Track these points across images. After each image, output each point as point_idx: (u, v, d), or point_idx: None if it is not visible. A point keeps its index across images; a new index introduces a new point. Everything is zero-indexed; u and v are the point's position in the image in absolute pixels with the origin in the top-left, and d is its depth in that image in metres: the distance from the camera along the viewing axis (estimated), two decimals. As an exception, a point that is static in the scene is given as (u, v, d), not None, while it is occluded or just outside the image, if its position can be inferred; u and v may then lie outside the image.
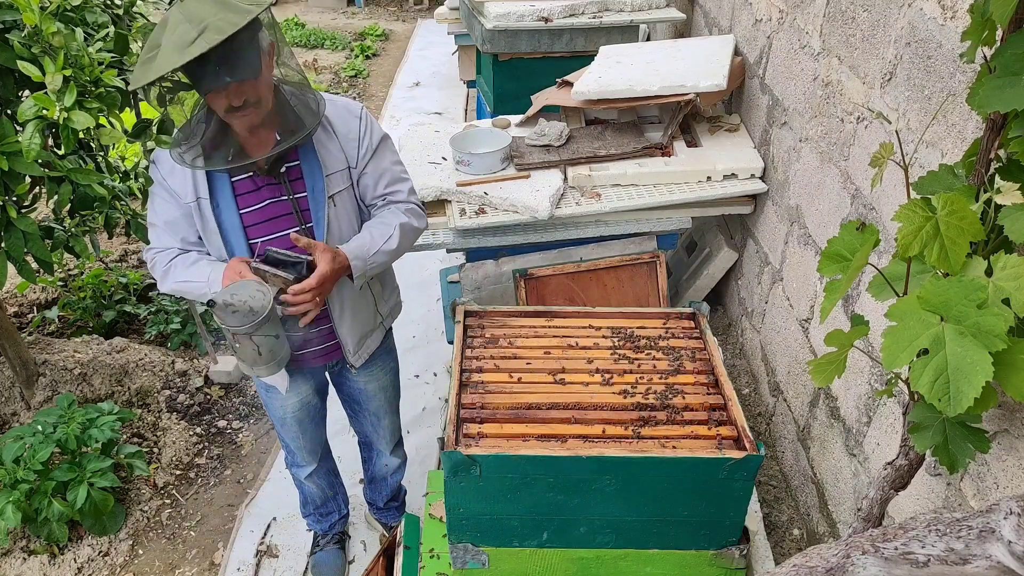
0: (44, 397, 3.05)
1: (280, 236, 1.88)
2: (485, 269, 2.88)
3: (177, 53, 1.50)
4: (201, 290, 1.84)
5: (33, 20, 1.79)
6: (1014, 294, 1.10)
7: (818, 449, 2.39)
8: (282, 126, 1.77)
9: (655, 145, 2.95)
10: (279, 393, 2.15)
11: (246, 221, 1.86)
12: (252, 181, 1.85)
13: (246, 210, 1.85)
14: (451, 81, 6.83)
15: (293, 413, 2.24)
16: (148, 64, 1.57)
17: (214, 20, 1.51)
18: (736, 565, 1.81)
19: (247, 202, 1.85)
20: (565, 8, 3.78)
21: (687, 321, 2.15)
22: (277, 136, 1.78)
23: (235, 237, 1.87)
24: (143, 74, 1.58)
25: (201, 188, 1.81)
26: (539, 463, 1.65)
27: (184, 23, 1.52)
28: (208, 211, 1.83)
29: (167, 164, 1.81)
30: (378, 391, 2.33)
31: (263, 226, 1.87)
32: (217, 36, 1.49)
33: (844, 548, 1.02)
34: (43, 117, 1.79)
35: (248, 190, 1.85)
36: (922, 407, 1.30)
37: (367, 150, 1.92)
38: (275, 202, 1.86)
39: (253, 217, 1.86)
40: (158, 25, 1.60)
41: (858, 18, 2.10)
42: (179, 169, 1.78)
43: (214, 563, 2.68)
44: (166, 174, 1.82)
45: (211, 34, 1.49)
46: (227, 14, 1.53)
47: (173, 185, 1.82)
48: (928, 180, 1.35)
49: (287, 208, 1.87)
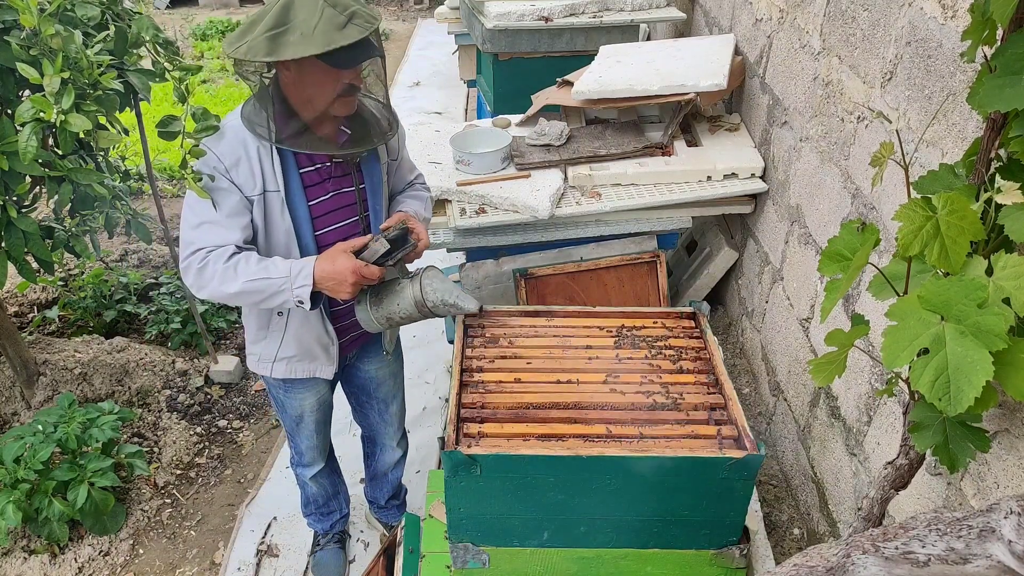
0: (44, 397, 3.05)
1: (341, 227, 1.93)
2: (485, 269, 2.88)
3: (336, 33, 1.61)
4: (278, 287, 1.77)
5: (31, 22, 1.79)
6: (1014, 293, 1.10)
7: (818, 449, 2.39)
8: (355, 118, 1.88)
9: (655, 145, 2.95)
10: (298, 394, 2.18)
11: (314, 212, 1.88)
12: (318, 173, 1.88)
13: (314, 202, 1.88)
14: (451, 81, 6.83)
15: (311, 413, 2.25)
16: (282, 40, 1.61)
17: (356, 7, 1.66)
18: (736, 565, 1.81)
19: (314, 194, 1.88)
20: (565, 8, 3.78)
21: (687, 321, 2.15)
22: (345, 130, 1.88)
23: (304, 228, 1.87)
24: (277, 48, 1.61)
25: (270, 180, 1.80)
26: (539, 463, 1.65)
27: (328, 7, 1.62)
28: (277, 203, 1.82)
29: (231, 156, 1.77)
30: (388, 376, 2.36)
31: (327, 217, 1.91)
32: (369, 25, 1.66)
33: (844, 548, 1.02)
34: (41, 119, 1.79)
35: (315, 182, 1.88)
36: (922, 406, 1.30)
37: (400, 145, 2.09)
38: (338, 193, 1.91)
39: (320, 208, 1.89)
40: (279, 6, 1.63)
41: (858, 17, 2.10)
42: (244, 160, 1.77)
43: (215, 563, 2.68)
44: (230, 166, 1.77)
45: (361, 20, 1.65)
46: (360, 4, 1.68)
47: (238, 178, 1.78)
48: (928, 179, 1.35)
49: (350, 199, 1.93)
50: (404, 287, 1.92)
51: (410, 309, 1.91)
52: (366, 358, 2.28)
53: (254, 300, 1.80)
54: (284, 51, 1.61)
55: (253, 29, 1.66)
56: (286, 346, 2.03)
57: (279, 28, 1.62)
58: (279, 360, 2.06)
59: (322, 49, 1.60)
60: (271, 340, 2.04)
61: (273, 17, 1.63)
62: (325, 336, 2.04)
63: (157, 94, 5.77)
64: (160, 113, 6.30)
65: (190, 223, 1.81)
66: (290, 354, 2.05)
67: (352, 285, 1.78)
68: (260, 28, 1.64)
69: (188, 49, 8.06)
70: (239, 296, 1.79)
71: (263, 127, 1.75)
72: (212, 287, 1.78)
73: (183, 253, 1.81)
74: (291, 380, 2.14)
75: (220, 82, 7.13)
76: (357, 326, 2.13)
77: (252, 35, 1.65)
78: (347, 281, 1.77)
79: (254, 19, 1.68)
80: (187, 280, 1.82)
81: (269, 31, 1.62)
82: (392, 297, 1.92)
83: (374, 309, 1.92)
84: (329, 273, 1.76)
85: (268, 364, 2.07)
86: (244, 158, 1.78)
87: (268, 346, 2.05)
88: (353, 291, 1.80)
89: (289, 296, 1.77)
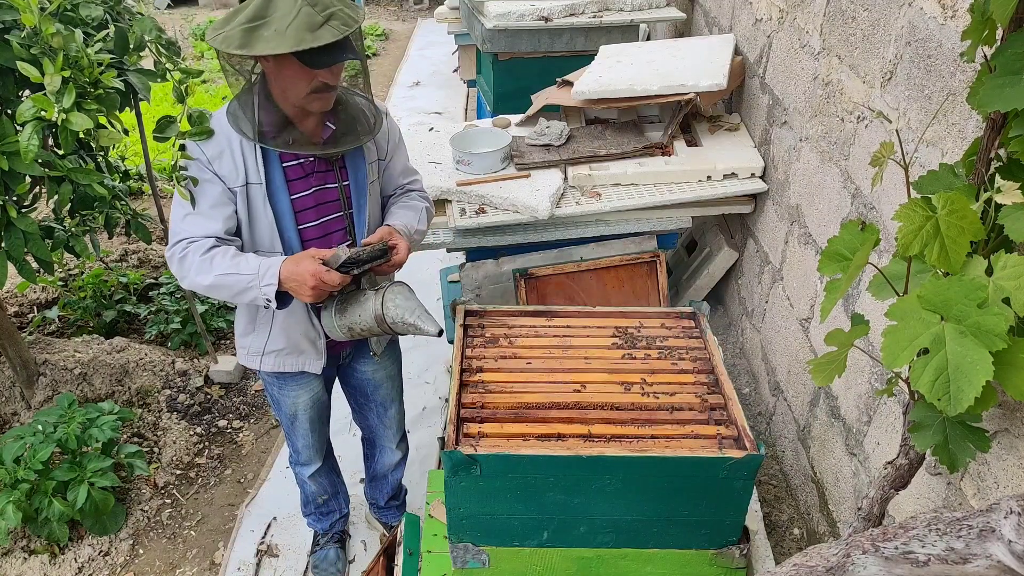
0: (44, 397, 3.05)
1: (324, 222, 1.93)
2: (485, 269, 2.88)
3: (308, 33, 1.61)
4: (246, 284, 1.77)
5: (32, 21, 1.79)
6: (1014, 293, 1.10)
7: (818, 448, 2.39)
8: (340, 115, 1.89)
9: (655, 144, 2.95)
10: (291, 391, 2.18)
11: (296, 206, 1.89)
12: (301, 167, 1.88)
13: (297, 196, 1.88)
14: (451, 81, 6.84)
15: (305, 410, 2.25)
16: (257, 35, 1.62)
17: (337, 9, 1.66)
18: (736, 564, 1.81)
19: (297, 188, 1.88)
20: (565, 7, 3.78)
21: (687, 320, 2.15)
22: (330, 125, 1.88)
23: (287, 222, 1.88)
24: (251, 42, 1.62)
25: (253, 173, 1.81)
26: (539, 463, 1.65)
27: (307, 6, 1.62)
28: (259, 196, 1.82)
29: (214, 147, 1.79)
30: (385, 379, 2.36)
31: (311, 211, 1.91)
32: (345, 28, 1.65)
33: (844, 547, 1.02)
34: (42, 118, 1.79)
35: (298, 176, 1.88)
36: (922, 406, 1.30)
37: (393, 145, 2.08)
38: (321, 189, 1.91)
39: (303, 203, 1.89)
40: None
41: (858, 17, 2.10)
42: (227, 153, 1.78)
43: (214, 563, 2.68)
44: (213, 157, 1.79)
45: (338, 23, 1.64)
46: (345, 6, 1.69)
47: (221, 169, 1.79)
48: (928, 179, 1.35)
49: (333, 195, 1.93)
50: (368, 299, 1.88)
51: (370, 322, 1.88)
52: (362, 359, 2.29)
53: (226, 295, 1.82)
54: (255, 46, 1.63)
55: (233, 19, 1.67)
56: (274, 339, 2.04)
57: (256, 21, 1.63)
58: (267, 353, 2.07)
59: (291, 48, 1.60)
60: (259, 333, 2.05)
61: (253, 9, 1.64)
62: (312, 330, 2.04)
63: (157, 94, 5.77)
64: (160, 113, 6.32)
65: (178, 215, 1.84)
66: (278, 347, 2.05)
67: (312, 288, 1.76)
68: (239, 18, 1.65)
69: (188, 49, 8.06)
70: (212, 289, 1.81)
71: (246, 122, 1.77)
72: (190, 278, 1.81)
73: (169, 243, 1.85)
74: (283, 376, 2.14)
75: (220, 82, 7.13)
76: None
77: (230, 25, 1.66)
78: (307, 284, 1.75)
79: (237, 9, 1.69)
80: (172, 269, 1.86)
81: (247, 23, 1.63)
82: (355, 307, 1.89)
83: (337, 317, 1.90)
84: (293, 274, 1.76)
85: (257, 357, 2.08)
86: (227, 150, 1.79)
87: (256, 339, 2.06)
88: (314, 295, 1.77)
89: (257, 294, 1.78)
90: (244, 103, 1.80)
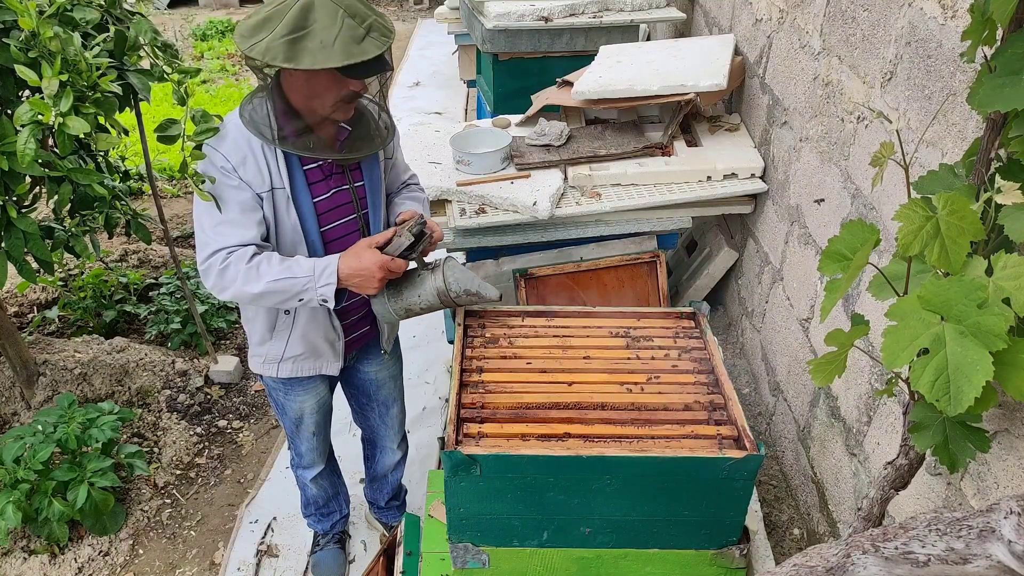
0: (44, 397, 3.05)
1: (343, 223, 1.95)
2: (485, 269, 2.88)
3: (355, 46, 1.61)
4: (302, 287, 1.76)
5: (30, 25, 1.78)
6: (1014, 294, 1.10)
7: (818, 449, 2.39)
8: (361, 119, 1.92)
9: (655, 145, 2.95)
10: (297, 395, 2.18)
11: (319, 209, 1.90)
12: (321, 170, 1.89)
13: (318, 198, 1.89)
14: (451, 81, 6.83)
15: (311, 414, 2.25)
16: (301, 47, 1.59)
17: (373, 19, 1.66)
18: (736, 565, 1.81)
19: (318, 191, 1.89)
20: (565, 8, 3.78)
21: (687, 321, 2.15)
22: (346, 126, 1.90)
23: (310, 224, 1.89)
24: (296, 56, 1.59)
25: (276, 178, 1.81)
26: (539, 463, 1.65)
27: (347, 18, 1.62)
28: (284, 200, 1.82)
29: (237, 154, 1.77)
30: (388, 379, 2.36)
31: (332, 213, 1.93)
32: (385, 40, 1.67)
33: (844, 548, 1.02)
34: (39, 122, 1.78)
35: (318, 179, 1.89)
36: (922, 406, 1.30)
37: (395, 144, 2.10)
38: (340, 191, 1.93)
39: (324, 205, 1.91)
40: (298, 7, 1.60)
41: (858, 17, 2.10)
42: (251, 158, 1.78)
43: (214, 563, 2.68)
44: (237, 164, 1.77)
45: (378, 35, 1.66)
46: (377, 15, 1.69)
47: (246, 175, 1.78)
48: (928, 179, 1.35)
49: (348, 196, 1.95)
50: (424, 278, 1.93)
51: (431, 299, 1.93)
52: (366, 359, 2.29)
53: (276, 300, 1.80)
54: (303, 59, 1.60)
55: (269, 27, 1.61)
56: (292, 345, 2.03)
57: (298, 32, 1.59)
58: (285, 360, 2.06)
59: (341, 63, 1.60)
60: (277, 340, 2.04)
61: (292, 19, 1.60)
62: (332, 332, 2.05)
63: (157, 94, 5.76)
64: (160, 113, 6.28)
65: (207, 224, 1.80)
66: (296, 353, 2.05)
67: (380, 280, 1.80)
68: (279, 29, 1.60)
69: (188, 49, 8.06)
70: (262, 297, 1.78)
71: (265, 126, 1.75)
72: (235, 288, 1.77)
73: (201, 255, 1.80)
74: (292, 381, 2.14)
75: (220, 82, 7.14)
76: (361, 323, 2.13)
77: (269, 34, 1.61)
78: (375, 276, 1.78)
79: (269, 15, 1.63)
80: (208, 282, 1.80)
81: (289, 34, 1.59)
82: (412, 289, 1.93)
83: (392, 301, 1.93)
84: (356, 269, 1.77)
85: (274, 364, 2.07)
86: (250, 156, 1.78)
87: (274, 347, 2.05)
88: (380, 286, 1.82)
89: (313, 295, 1.78)
90: (261, 107, 1.77)
